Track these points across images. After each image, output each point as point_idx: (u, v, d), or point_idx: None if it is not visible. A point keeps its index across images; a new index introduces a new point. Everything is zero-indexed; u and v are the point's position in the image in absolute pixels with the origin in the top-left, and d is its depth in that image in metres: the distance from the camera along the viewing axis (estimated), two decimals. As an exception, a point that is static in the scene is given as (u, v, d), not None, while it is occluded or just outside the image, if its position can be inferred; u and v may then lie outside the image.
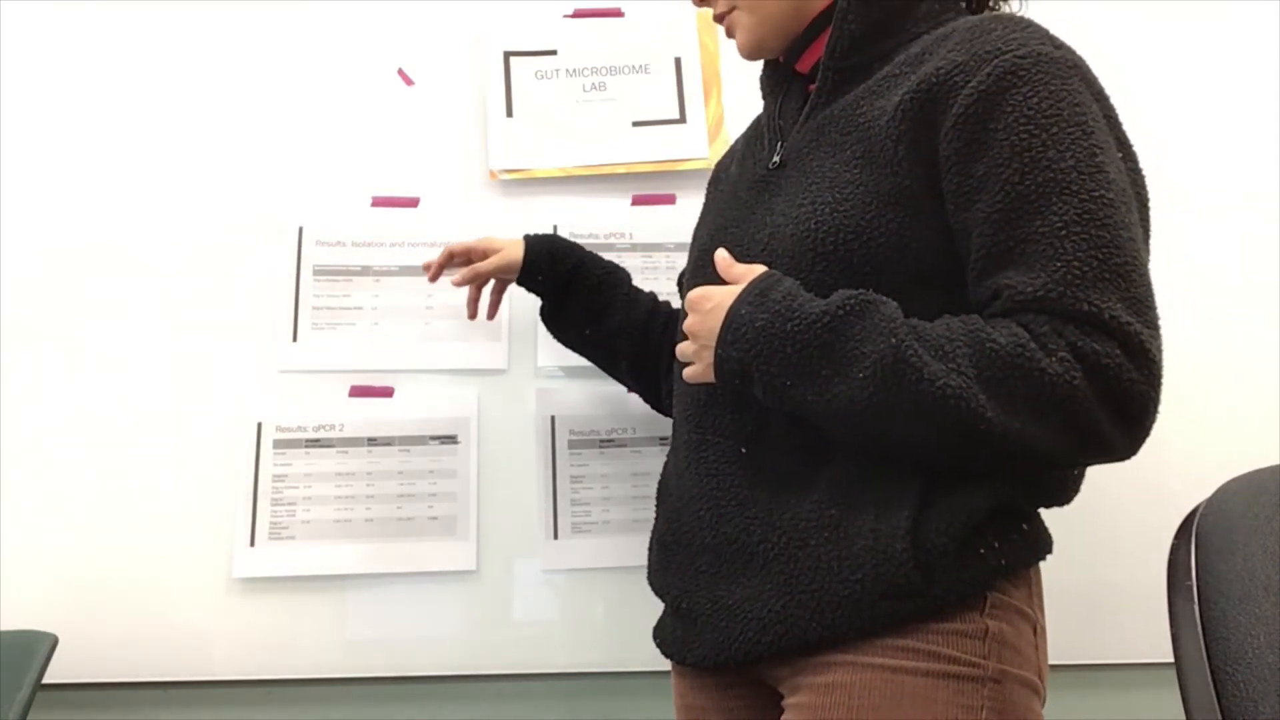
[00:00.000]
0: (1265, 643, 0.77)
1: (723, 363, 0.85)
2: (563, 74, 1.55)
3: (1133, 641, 1.37)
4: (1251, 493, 0.87)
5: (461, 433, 1.43)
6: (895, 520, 0.81)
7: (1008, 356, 0.75)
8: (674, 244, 1.48)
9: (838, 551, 0.82)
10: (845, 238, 0.84)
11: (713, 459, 0.93)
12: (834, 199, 0.85)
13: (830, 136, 0.90)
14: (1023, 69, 0.79)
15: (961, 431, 0.75)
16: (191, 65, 1.53)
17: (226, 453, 1.41)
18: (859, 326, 0.78)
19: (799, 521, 0.85)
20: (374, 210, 1.50)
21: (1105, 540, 1.38)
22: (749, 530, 0.88)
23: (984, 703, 0.80)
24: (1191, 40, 1.57)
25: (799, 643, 0.83)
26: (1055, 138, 0.78)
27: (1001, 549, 0.83)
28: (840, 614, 0.81)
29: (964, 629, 0.81)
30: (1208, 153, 1.52)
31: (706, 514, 0.92)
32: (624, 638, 1.36)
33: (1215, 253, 1.50)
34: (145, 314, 1.45)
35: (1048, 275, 0.76)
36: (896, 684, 0.80)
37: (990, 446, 0.76)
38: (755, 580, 0.87)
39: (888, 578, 0.80)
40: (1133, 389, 0.75)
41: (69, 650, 1.25)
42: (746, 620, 0.87)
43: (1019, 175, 0.77)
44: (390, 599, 1.38)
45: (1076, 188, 0.77)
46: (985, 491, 0.82)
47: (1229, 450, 1.21)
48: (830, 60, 0.92)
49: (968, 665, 0.80)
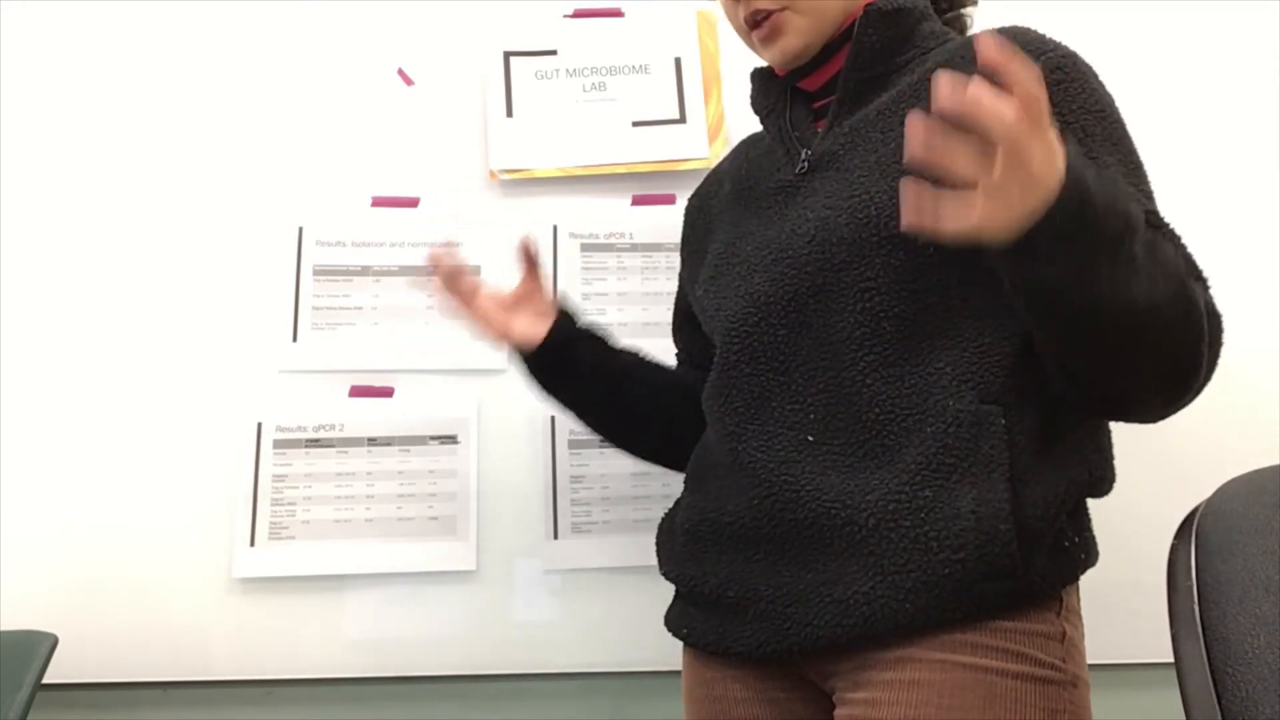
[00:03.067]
0: (1265, 643, 0.77)
1: (1051, 217, 0.67)
2: (563, 74, 1.55)
3: (1133, 641, 1.37)
4: (1251, 493, 0.87)
5: (461, 433, 1.43)
6: (995, 502, 0.80)
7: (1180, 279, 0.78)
8: (673, 244, 1.47)
9: (936, 531, 0.81)
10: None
11: (776, 449, 0.90)
12: (890, 187, 0.86)
13: (869, 136, 0.92)
14: (1069, 65, 0.85)
15: (1190, 320, 0.78)
16: (191, 65, 1.53)
17: (227, 453, 1.41)
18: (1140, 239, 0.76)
19: (887, 503, 0.83)
20: (374, 210, 1.50)
21: (1105, 540, 1.38)
22: (827, 515, 0.86)
23: (1066, 707, 0.81)
24: (1190, 39, 1.57)
25: (888, 625, 0.81)
26: (1112, 130, 0.86)
27: (1081, 544, 0.87)
28: (936, 595, 0.80)
29: (1045, 630, 0.82)
30: (1207, 152, 1.52)
31: (767, 503, 0.89)
32: (624, 637, 1.36)
33: (1215, 253, 1.49)
34: (145, 314, 1.45)
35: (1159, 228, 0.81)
36: (988, 684, 0.79)
37: (1197, 341, 0.79)
38: (834, 564, 0.85)
39: (990, 558, 0.79)
40: (1216, 343, 0.82)
41: (69, 650, 1.24)
42: (823, 604, 0.84)
43: (1098, 155, 0.82)
44: (390, 599, 1.38)
45: (1135, 179, 0.85)
46: (1070, 477, 0.84)
47: (1229, 450, 1.21)
48: (852, 72, 0.96)
49: (1051, 669, 0.81)
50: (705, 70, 1.55)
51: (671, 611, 1.03)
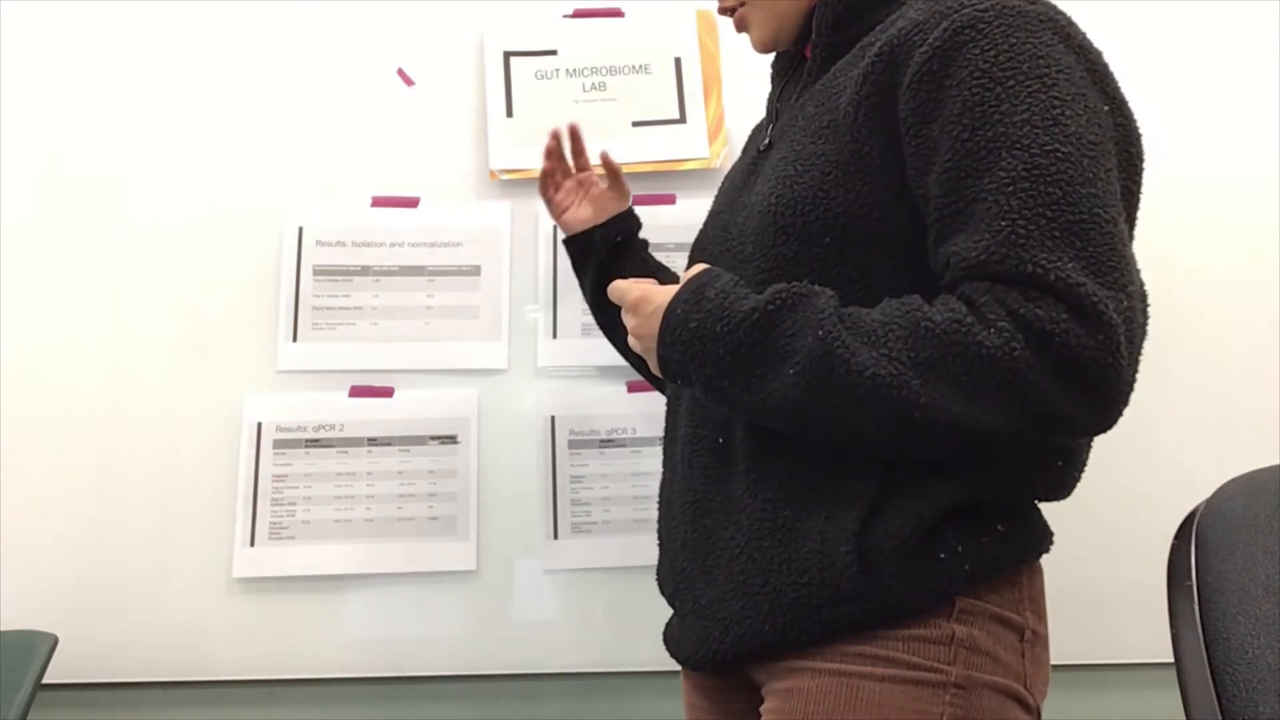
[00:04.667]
0: (1265, 643, 0.77)
1: (664, 363, 0.83)
2: (563, 74, 1.55)
3: (1133, 641, 1.37)
4: (1251, 493, 0.87)
5: (461, 433, 1.43)
6: (844, 522, 0.77)
7: (942, 334, 0.70)
8: (674, 244, 1.48)
9: (787, 553, 0.80)
10: (803, 209, 0.81)
11: (696, 450, 0.91)
12: (794, 172, 0.83)
13: (807, 110, 0.88)
14: (982, 21, 0.75)
15: (897, 421, 0.71)
16: (192, 65, 1.53)
17: (227, 453, 1.41)
18: (789, 321, 0.75)
19: (755, 520, 0.82)
20: (374, 210, 1.50)
21: (1105, 540, 1.38)
22: (720, 526, 0.86)
23: (945, 709, 0.76)
24: (1179, 36, 1.57)
25: (757, 645, 0.81)
26: (1010, 91, 0.72)
27: (966, 552, 0.77)
28: (790, 617, 0.79)
29: (926, 634, 0.77)
30: (1207, 152, 1.52)
31: (688, 508, 0.90)
32: (624, 638, 1.36)
33: (1215, 252, 1.49)
34: (145, 314, 1.45)
35: (991, 236, 0.70)
36: (850, 689, 0.77)
37: (932, 434, 0.71)
38: (721, 579, 0.85)
39: (832, 582, 0.77)
40: (1084, 355, 0.68)
41: (69, 650, 1.25)
42: (714, 621, 0.85)
43: (968, 132, 0.73)
44: (390, 599, 1.38)
45: (1028, 142, 0.71)
46: (940, 490, 0.77)
47: (1229, 450, 1.21)
48: (818, 37, 0.90)
49: (927, 670, 0.77)
50: (705, 70, 1.55)
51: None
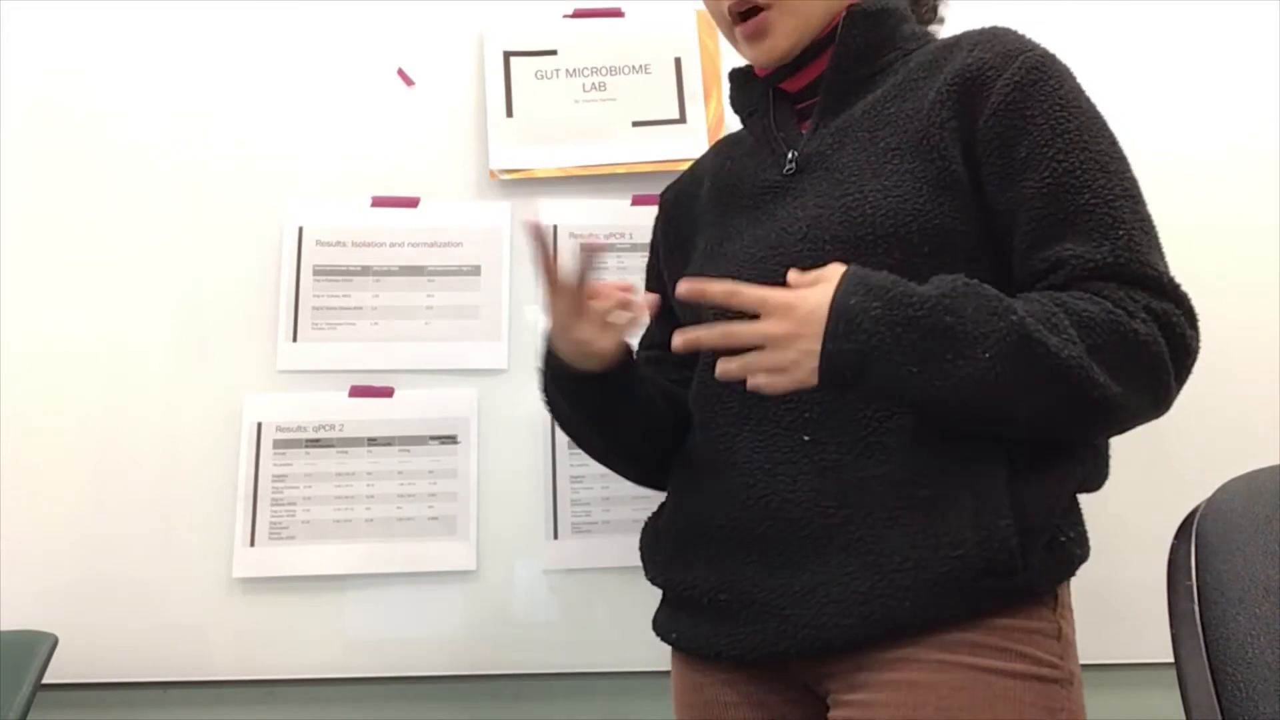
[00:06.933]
0: (1265, 643, 0.77)
1: (833, 358, 0.79)
2: (563, 74, 1.55)
3: (1133, 641, 1.37)
4: (1251, 493, 0.87)
5: (461, 433, 1.43)
6: (994, 499, 0.80)
7: (1104, 323, 0.78)
8: (674, 244, 1.48)
9: (935, 529, 0.81)
10: (904, 219, 0.87)
11: (771, 450, 0.90)
12: (883, 186, 0.88)
13: (856, 136, 0.93)
14: (1045, 65, 0.87)
15: (1079, 400, 0.78)
16: (192, 65, 1.53)
17: (227, 453, 1.41)
18: (972, 307, 0.78)
19: (885, 502, 0.84)
20: (374, 210, 1.50)
21: (1105, 540, 1.38)
22: (824, 514, 0.85)
23: (1064, 704, 0.81)
24: (1176, 37, 1.57)
25: (886, 625, 0.81)
26: (1086, 125, 0.86)
27: (1075, 539, 0.86)
28: (935, 593, 0.80)
29: (1042, 628, 0.82)
30: (1207, 152, 1.52)
31: (762, 503, 0.89)
32: (624, 638, 1.36)
33: (1215, 252, 1.49)
34: (145, 313, 1.45)
35: (1112, 243, 0.81)
36: (986, 684, 0.79)
37: (1098, 413, 0.80)
38: (831, 564, 0.84)
39: (990, 555, 0.79)
40: (1192, 346, 0.82)
41: (69, 650, 1.24)
42: (820, 605, 0.84)
43: (1064, 154, 0.84)
44: (390, 599, 1.38)
45: (1114, 168, 0.84)
46: (1064, 478, 0.84)
47: (1229, 450, 1.21)
48: (835, 73, 0.97)
49: (1049, 666, 0.81)
50: (705, 70, 1.55)
51: (659, 615, 1.02)
